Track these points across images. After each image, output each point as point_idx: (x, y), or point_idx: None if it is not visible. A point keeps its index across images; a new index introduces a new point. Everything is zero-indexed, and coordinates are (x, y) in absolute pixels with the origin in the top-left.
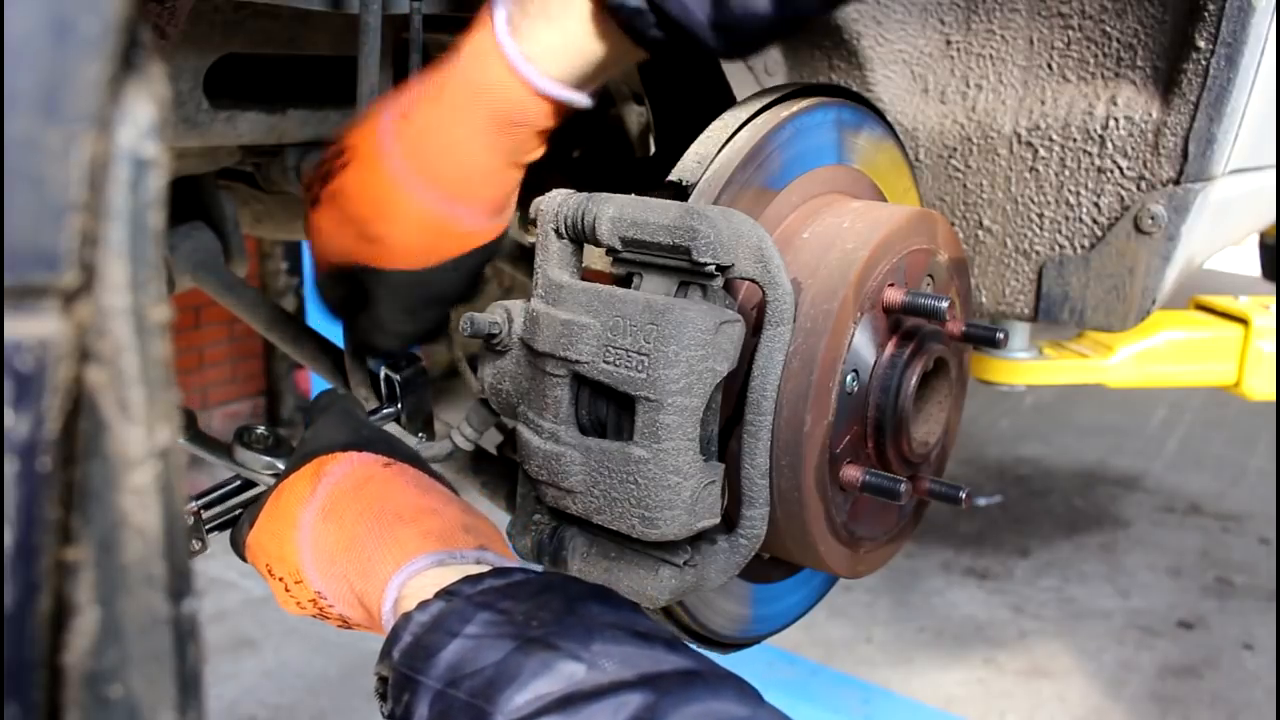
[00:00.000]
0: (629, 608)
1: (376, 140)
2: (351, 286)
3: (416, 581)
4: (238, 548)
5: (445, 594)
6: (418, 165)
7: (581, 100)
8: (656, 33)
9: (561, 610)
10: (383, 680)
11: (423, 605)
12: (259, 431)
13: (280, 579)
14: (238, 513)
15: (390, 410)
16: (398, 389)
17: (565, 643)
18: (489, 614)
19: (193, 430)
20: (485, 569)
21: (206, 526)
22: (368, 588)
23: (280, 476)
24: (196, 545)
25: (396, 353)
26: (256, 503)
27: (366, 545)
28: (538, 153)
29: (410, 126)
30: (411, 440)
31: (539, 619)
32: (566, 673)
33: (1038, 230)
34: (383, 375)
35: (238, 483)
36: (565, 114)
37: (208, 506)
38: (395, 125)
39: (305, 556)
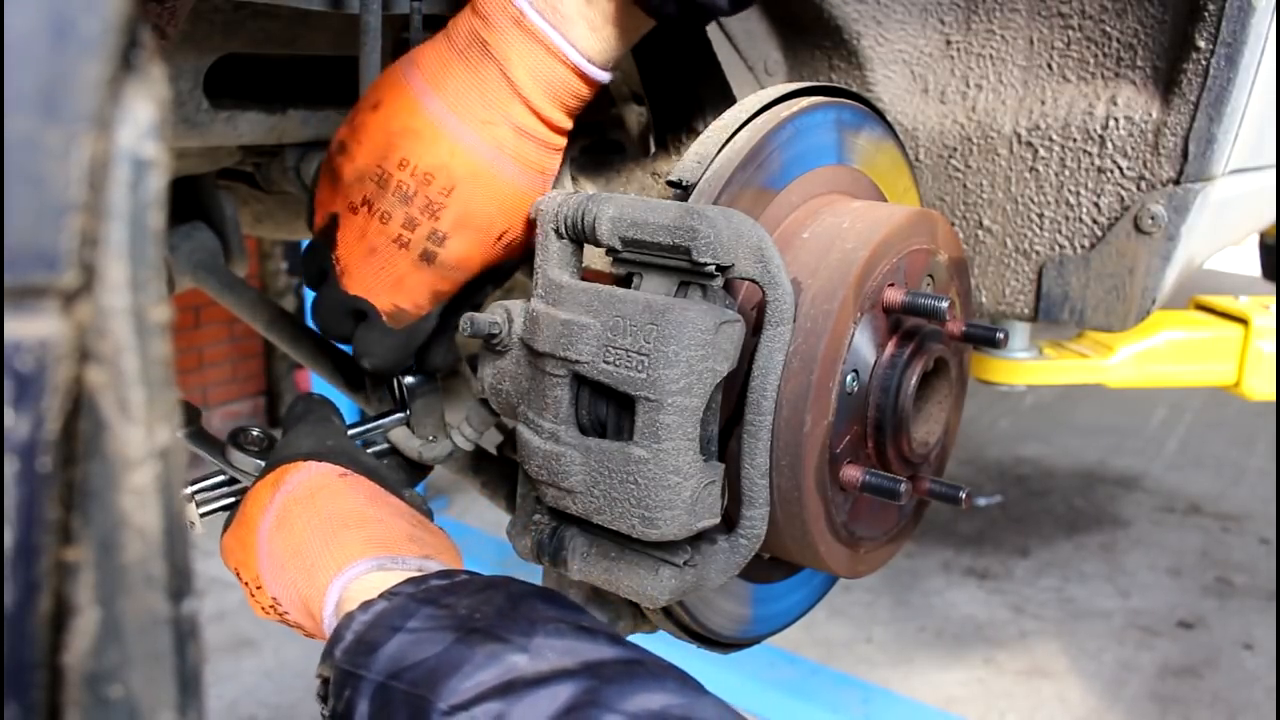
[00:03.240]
0: (572, 606)
1: (479, 155)
2: (468, 294)
3: (358, 585)
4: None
5: (388, 594)
6: (523, 164)
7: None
8: (671, 8)
9: (505, 606)
10: (325, 682)
11: (365, 605)
12: (253, 434)
13: (246, 583)
14: (230, 499)
15: (400, 415)
16: (408, 394)
17: (508, 635)
18: (432, 609)
19: (195, 427)
20: (428, 573)
21: (201, 511)
22: (310, 592)
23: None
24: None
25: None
26: (236, 507)
27: (311, 550)
28: None
29: (493, 132)
30: (417, 443)
31: (482, 613)
32: (509, 662)
33: (1038, 230)
34: (396, 380)
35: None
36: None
37: (202, 491)
38: (482, 134)
39: (263, 563)
